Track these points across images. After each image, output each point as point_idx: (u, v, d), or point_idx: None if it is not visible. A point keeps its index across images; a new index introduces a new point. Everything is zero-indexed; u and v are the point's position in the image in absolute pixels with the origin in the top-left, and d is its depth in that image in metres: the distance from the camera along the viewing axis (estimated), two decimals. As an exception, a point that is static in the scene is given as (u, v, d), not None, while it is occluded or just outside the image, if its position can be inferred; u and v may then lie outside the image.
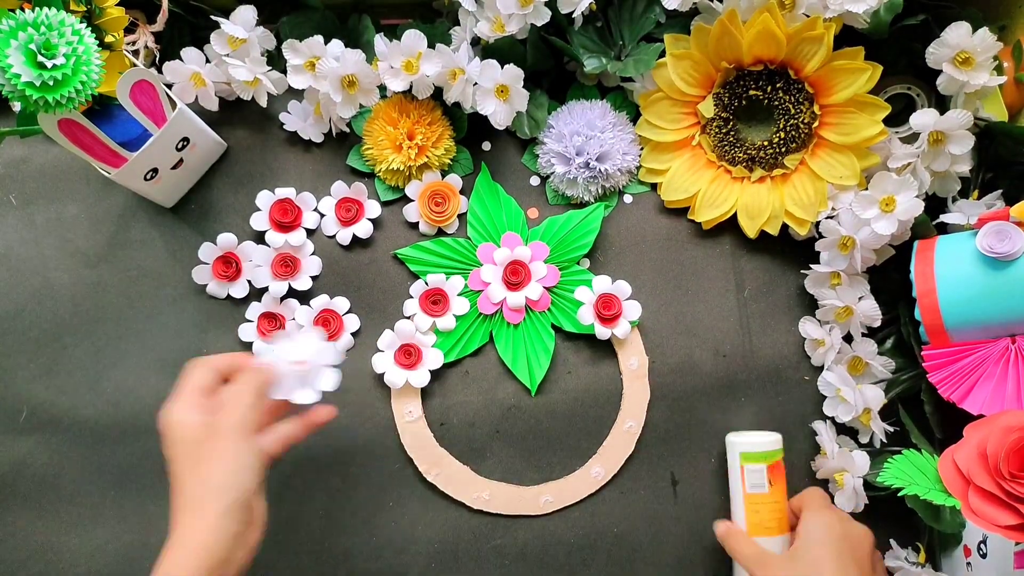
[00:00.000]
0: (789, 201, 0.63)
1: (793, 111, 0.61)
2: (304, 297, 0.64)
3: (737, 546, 0.57)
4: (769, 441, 0.59)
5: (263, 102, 0.63)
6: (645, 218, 0.67)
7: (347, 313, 0.64)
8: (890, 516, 0.61)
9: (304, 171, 0.66)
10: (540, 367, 0.64)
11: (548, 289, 0.65)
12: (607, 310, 0.63)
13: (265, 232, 0.64)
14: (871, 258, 0.60)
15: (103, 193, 0.66)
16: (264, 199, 0.65)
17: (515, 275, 0.64)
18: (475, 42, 0.63)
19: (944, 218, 0.59)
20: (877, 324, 0.61)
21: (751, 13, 0.58)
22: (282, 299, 0.64)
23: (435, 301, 0.64)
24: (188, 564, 0.43)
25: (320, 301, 0.64)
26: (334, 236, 0.65)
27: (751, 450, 0.59)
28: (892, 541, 0.61)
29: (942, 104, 0.61)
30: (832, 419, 0.63)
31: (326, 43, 0.61)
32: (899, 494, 0.51)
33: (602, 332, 0.63)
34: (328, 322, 0.64)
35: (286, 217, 0.64)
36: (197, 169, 0.65)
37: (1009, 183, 0.60)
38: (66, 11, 0.48)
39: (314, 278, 0.65)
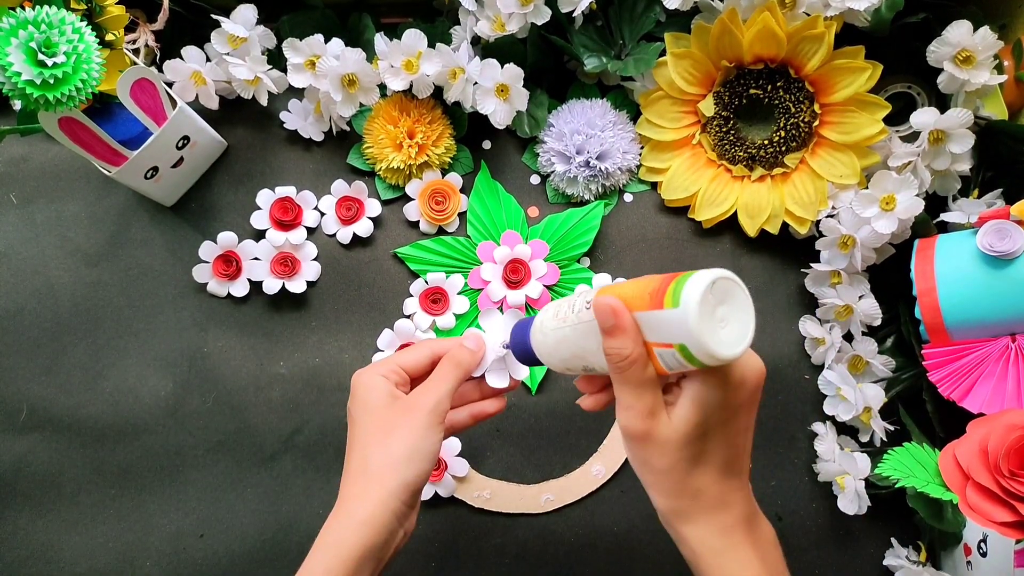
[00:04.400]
0: (789, 200, 0.63)
1: (793, 110, 0.61)
2: (300, 299, 0.64)
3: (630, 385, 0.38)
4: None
5: (263, 101, 0.63)
6: (645, 217, 0.67)
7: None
8: (891, 515, 0.61)
9: (304, 170, 0.66)
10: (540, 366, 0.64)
11: (548, 287, 0.65)
12: (607, 309, 0.63)
13: (266, 231, 0.64)
14: (871, 257, 0.60)
15: (103, 192, 0.66)
16: (265, 198, 0.65)
17: (515, 273, 0.64)
18: (475, 41, 0.63)
19: (944, 217, 0.59)
20: (877, 323, 0.61)
21: (751, 12, 0.58)
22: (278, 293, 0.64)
23: (435, 300, 0.64)
24: (351, 540, 0.41)
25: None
26: (334, 235, 0.65)
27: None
28: (893, 540, 0.61)
29: (942, 103, 0.61)
30: (832, 418, 0.63)
31: (326, 42, 0.61)
32: (896, 485, 0.50)
33: (602, 331, 0.63)
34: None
35: (287, 216, 0.64)
36: (197, 168, 0.65)
37: (1009, 182, 0.60)
38: (67, 9, 0.48)
39: (311, 283, 0.65)
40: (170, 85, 0.62)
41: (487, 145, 0.67)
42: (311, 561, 0.41)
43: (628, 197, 0.67)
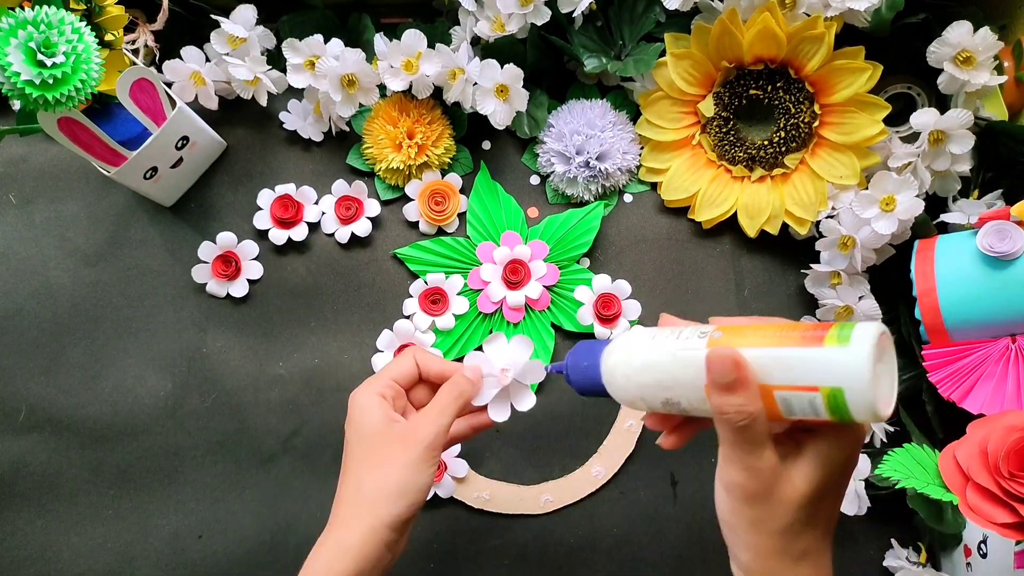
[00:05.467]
0: (789, 200, 0.63)
1: (793, 110, 0.61)
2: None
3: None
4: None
5: (263, 101, 0.63)
6: (645, 217, 0.67)
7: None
8: (891, 516, 0.61)
9: (304, 170, 0.66)
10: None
11: (548, 288, 0.65)
12: (607, 310, 0.63)
13: (268, 231, 0.64)
14: (871, 257, 0.60)
15: (102, 192, 0.65)
16: (266, 198, 0.65)
17: (515, 274, 0.64)
18: (475, 41, 0.63)
19: (944, 217, 0.59)
20: (877, 323, 0.61)
21: (751, 12, 0.58)
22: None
23: (434, 300, 0.64)
24: (340, 565, 0.42)
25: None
26: (333, 234, 0.65)
27: None
28: (893, 541, 0.61)
29: (942, 103, 0.60)
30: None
31: (326, 42, 0.61)
32: (896, 486, 0.50)
33: (601, 332, 0.63)
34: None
35: (287, 213, 0.64)
36: (197, 168, 0.65)
37: (1009, 182, 0.60)
38: (66, 9, 0.47)
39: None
40: (169, 85, 0.62)
41: (487, 145, 0.67)
42: None
43: (628, 198, 0.67)
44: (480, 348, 0.50)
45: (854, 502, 0.59)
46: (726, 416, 0.34)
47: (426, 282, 0.64)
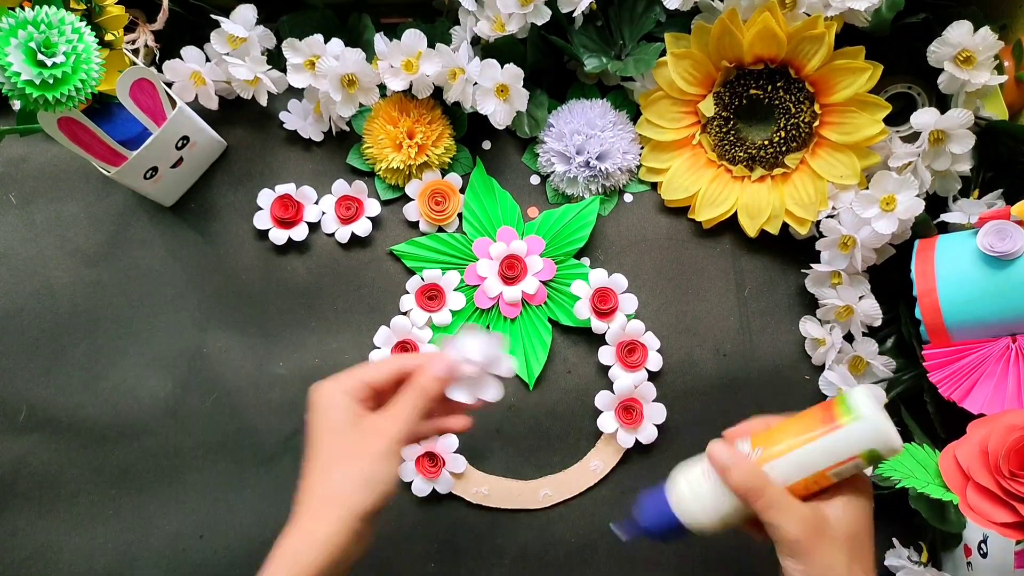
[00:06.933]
0: (789, 200, 0.63)
1: (794, 110, 0.61)
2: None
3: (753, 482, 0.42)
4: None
5: (263, 101, 0.63)
6: (645, 217, 0.67)
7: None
8: (892, 515, 0.61)
9: (304, 170, 0.66)
10: (538, 361, 0.64)
11: (544, 283, 0.65)
12: (603, 304, 0.63)
13: (268, 231, 0.64)
14: (871, 257, 0.60)
15: (103, 192, 0.65)
16: (266, 198, 0.65)
17: (511, 269, 0.64)
18: (475, 41, 0.63)
19: (945, 217, 0.59)
20: (878, 323, 0.61)
21: (752, 12, 0.58)
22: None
23: (431, 296, 0.64)
24: (308, 557, 0.41)
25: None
26: (333, 234, 0.65)
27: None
28: (895, 540, 0.61)
29: (943, 103, 0.60)
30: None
31: (326, 42, 0.61)
32: (897, 486, 0.50)
33: (598, 326, 0.63)
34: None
35: (287, 213, 0.64)
36: (197, 168, 0.65)
37: (1010, 182, 0.60)
38: (66, 9, 0.48)
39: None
40: (169, 85, 0.62)
41: (487, 145, 0.67)
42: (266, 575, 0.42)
43: (628, 197, 0.67)
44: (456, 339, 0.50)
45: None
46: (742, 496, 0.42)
47: (423, 278, 0.64)
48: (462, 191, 0.66)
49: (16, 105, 0.60)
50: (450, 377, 0.47)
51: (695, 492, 0.44)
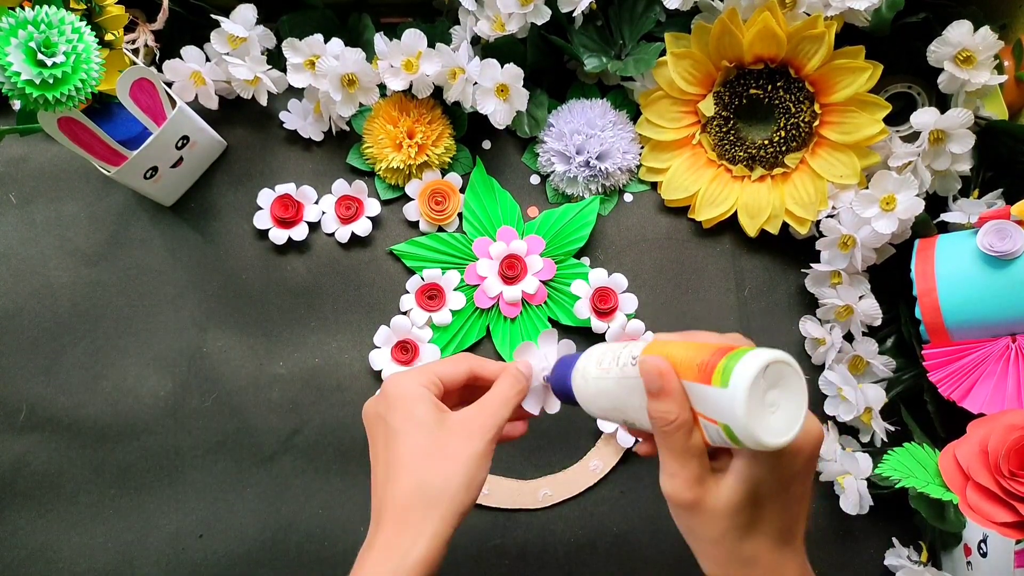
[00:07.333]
0: (789, 200, 0.63)
1: (794, 110, 0.61)
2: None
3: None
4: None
5: (263, 101, 0.63)
6: (645, 217, 0.67)
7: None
8: (892, 515, 0.61)
9: (304, 170, 0.66)
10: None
11: (544, 283, 0.65)
12: (603, 304, 0.63)
13: (268, 231, 0.64)
14: (871, 257, 0.60)
15: (103, 192, 0.65)
16: (266, 197, 0.65)
17: (511, 269, 0.64)
18: (475, 41, 0.63)
19: (945, 217, 0.59)
20: (878, 323, 0.61)
21: (752, 12, 0.58)
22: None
23: (431, 296, 0.64)
24: (419, 553, 0.38)
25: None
26: (333, 234, 0.65)
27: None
28: (894, 540, 0.61)
29: (943, 103, 0.60)
30: (833, 418, 0.63)
31: (326, 42, 0.61)
32: (896, 486, 0.50)
33: (598, 326, 0.63)
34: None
35: (287, 213, 0.64)
36: (197, 168, 0.65)
37: (1010, 182, 0.60)
38: (66, 9, 0.48)
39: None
40: (169, 85, 0.62)
41: (487, 145, 0.67)
42: None
43: (628, 197, 0.67)
44: (523, 351, 0.50)
45: (855, 501, 0.59)
46: (654, 422, 0.36)
47: (423, 278, 0.64)
48: (462, 191, 0.66)
49: (16, 105, 0.60)
50: (531, 379, 0.46)
51: (595, 374, 0.41)
